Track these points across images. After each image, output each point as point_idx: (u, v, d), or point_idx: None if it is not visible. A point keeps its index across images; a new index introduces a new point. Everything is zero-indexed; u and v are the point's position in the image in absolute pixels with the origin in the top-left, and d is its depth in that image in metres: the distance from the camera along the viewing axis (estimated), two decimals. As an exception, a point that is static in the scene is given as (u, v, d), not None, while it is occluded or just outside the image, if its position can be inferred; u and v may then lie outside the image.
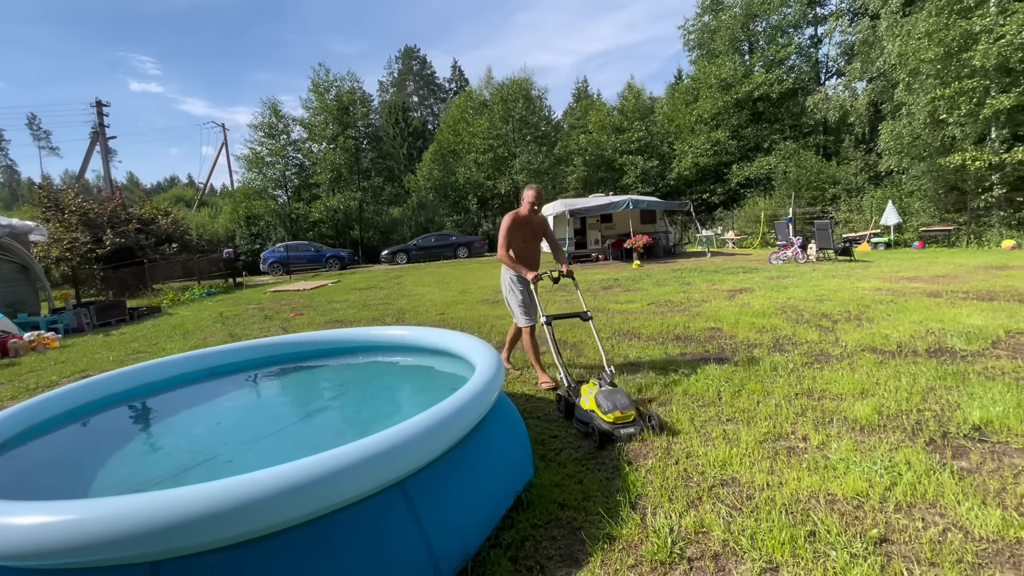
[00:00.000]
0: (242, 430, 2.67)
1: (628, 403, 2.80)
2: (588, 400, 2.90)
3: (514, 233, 3.82)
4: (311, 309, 9.21)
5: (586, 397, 2.93)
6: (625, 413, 2.75)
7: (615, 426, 2.71)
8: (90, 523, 1.32)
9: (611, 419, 2.72)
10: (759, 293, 7.43)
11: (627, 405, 2.78)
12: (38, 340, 7.29)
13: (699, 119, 27.50)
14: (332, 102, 27.40)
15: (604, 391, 2.87)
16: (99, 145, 30.43)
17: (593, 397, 2.86)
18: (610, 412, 2.74)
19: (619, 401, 2.79)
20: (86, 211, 15.69)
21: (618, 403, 2.78)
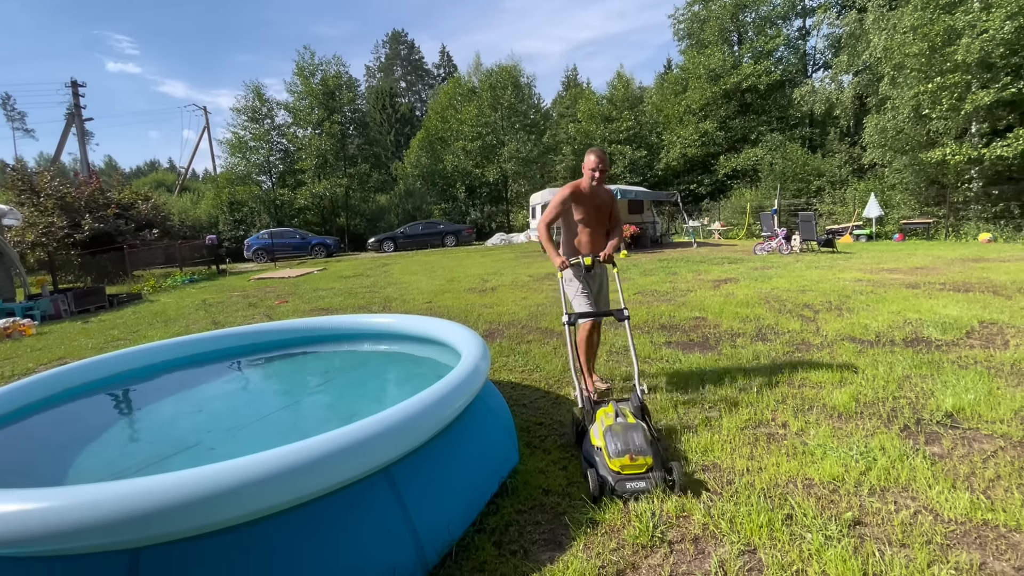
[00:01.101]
0: (225, 418, 2.65)
1: (644, 446, 2.11)
2: (598, 433, 2.25)
3: (569, 208, 3.14)
4: (296, 297, 9.12)
5: (598, 427, 2.28)
6: (637, 461, 2.09)
7: (620, 477, 2.09)
8: (68, 510, 1.30)
9: (617, 466, 2.10)
10: (743, 283, 7.52)
11: (642, 449, 2.10)
12: (13, 327, 7.11)
13: (688, 109, 27.56)
14: (318, 86, 26.88)
15: (617, 426, 2.21)
16: (75, 127, 29.53)
17: (603, 431, 2.23)
18: (618, 456, 2.10)
19: (633, 442, 2.12)
20: (62, 195, 15.26)
21: (631, 445, 2.11)
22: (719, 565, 1.70)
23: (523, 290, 8.07)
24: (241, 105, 27.10)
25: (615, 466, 2.11)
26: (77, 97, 29.03)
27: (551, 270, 10.65)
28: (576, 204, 3.13)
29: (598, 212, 3.18)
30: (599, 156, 3.01)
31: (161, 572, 1.37)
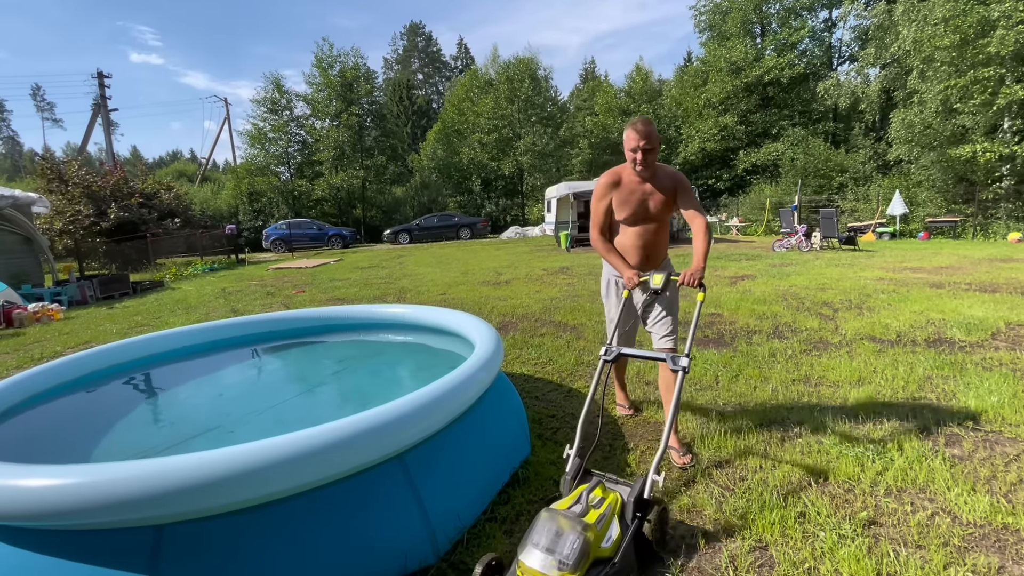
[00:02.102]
0: (243, 402, 2.71)
1: (573, 559, 1.38)
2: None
3: (609, 205, 2.40)
4: (313, 287, 9.24)
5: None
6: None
7: None
8: (95, 486, 1.35)
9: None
10: (761, 280, 7.41)
11: (568, 563, 1.37)
12: (42, 311, 7.34)
13: (707, 103, 27.10)
14: (336, 78, 27.04)
15: (549, 518, 1.48)
16: (101, 117, 30.18)
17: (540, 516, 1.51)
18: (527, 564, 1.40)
19: (559, 549, 1.40)
20: (89, 184, 15.64)
21: (557, 551, 1.40)
22: (729, 560, 1.70)
23: (537, 283, 8.07)
24: (261, 96, 27.42)
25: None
26: (103, 88, 29.64)
27: (565, 263, 10.62)
28: (616, 198, 2.36)
29: (649, 207, 2.34)
30: (640, 130, 2.19)
31: (183, 549, 1.42)
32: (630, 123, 2.25)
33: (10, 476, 1.39)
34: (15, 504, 1.36)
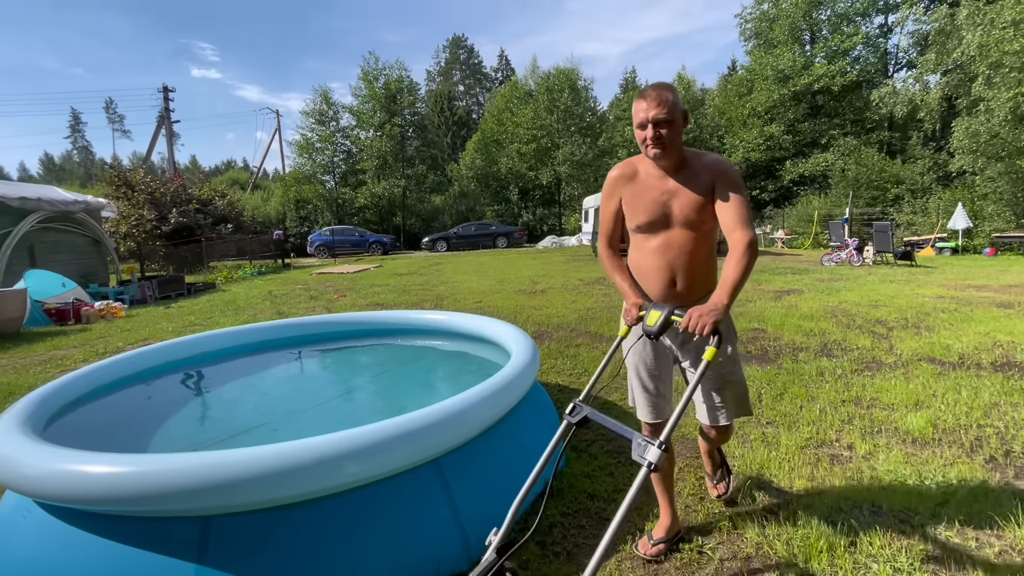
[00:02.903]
0: (287, 402, 2.81)
1: None
2: None
3: (616, 201, 1.77)
4: (353, 292, 9.50)
5: None
6: None
7: None
8: (150, 475, 1.43)
9: None
10: (808, 295, 7.11)
11: None
12: (107, 309, 7.85)
13: (752, 112, 26.40)
14: (380, 90, 27.91)
15: None
16: (164, 128, 32.20)
17: None
18: None
19: None
20: (152, 191, 16.70)
21: None
22: (773, 587, 1.62)
23: (573, 293, 8.02)
24: (309, 108, 28.60)
25: None
26: (167, 101, 31.66)
27: (602, 274, 10.51)
28: (627, 196, 1.72)
29: (672, 210, 1.64)
30: (650, 96, 1.55)
31: (228, 539, 1.47)
32: (642, 92, 1.58)
33: (76, 462, 1.49)
34: (79, 488, 1.45)
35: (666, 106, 1.53)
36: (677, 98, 1.56)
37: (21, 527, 1.63)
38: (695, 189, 1.62)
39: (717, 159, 1.63)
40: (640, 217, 1.69)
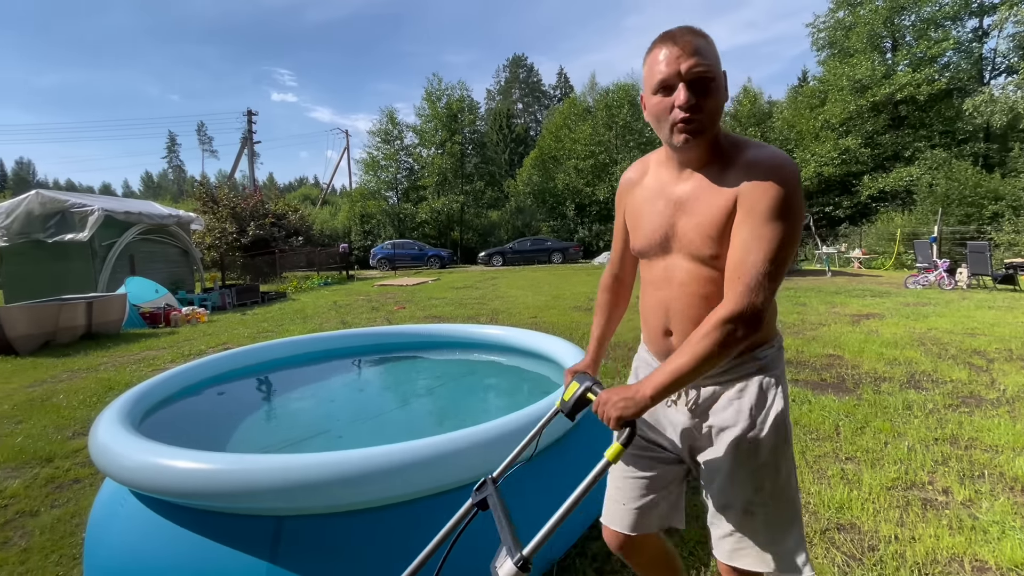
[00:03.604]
0: (351, 409, 2.91)
1: None
2: None
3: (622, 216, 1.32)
4: (412, 304, 9.78)
5: None
6: None
7: None
8: (228, 474, 1.52)
9: None
10: (891, 320, 6.56)
11: None
12: (192, 314, 8.53)
13: (825, 124, 25.01)
14: (443, 110, 28.94)
15: None
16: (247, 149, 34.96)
17: None
18: None
19: None
20: (234, 206, 18.11)
21: None
22: (857, 642, 1.48)
23: (630, 311, 7.80)
24: (376, 128, 30.12)
25: None
26: (250, 124, 34.41)
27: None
28: (629, 208, 1.26)
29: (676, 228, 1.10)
30: (682, 41, 0.98)
31: (298, 541, 1.53)
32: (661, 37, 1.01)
33: (166, 456, 1.62)
34: (168, 481, 1.56)
35: (706, 58, 0.95)
36: (714, 48, 0.99)
37: (118, 514, 1.77)
38: (713, 201, 1.01)
39: (766, 156, 0.97)
40: (637, 239, 1.18)
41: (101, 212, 9.78)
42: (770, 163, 0.96)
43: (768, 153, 0.98)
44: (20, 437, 3.20)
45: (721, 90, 1.00)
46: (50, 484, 2.56)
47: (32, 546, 2.02)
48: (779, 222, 0.93)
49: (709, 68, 0.96)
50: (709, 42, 0.99)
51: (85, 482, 2.57)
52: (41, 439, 3.16)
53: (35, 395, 4.22)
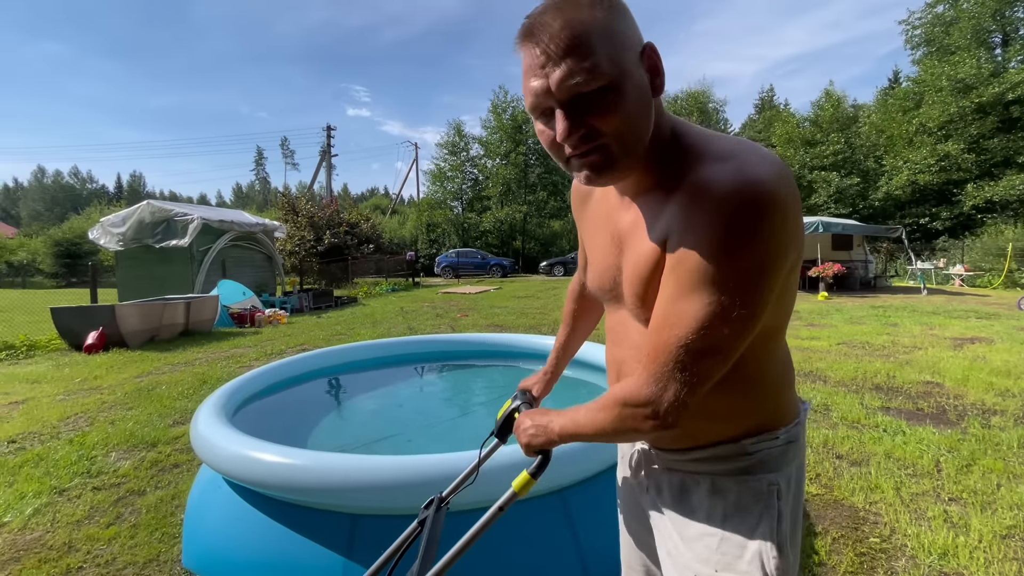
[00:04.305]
0: (420, 414, 3.01)
1: None
2: None
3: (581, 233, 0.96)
4: (475, 311, 9.96)
5: None
6: None
7: None
8: (308, 471, 1.61)
9: None
10: (1002, 346, 5.86)
11: None
12: (274, 316, 9.18)
13: (921, 128, 22.92)
14: (508, 121, 29.47)
15: None
16: (325, 161, 37.32)
17: None
18: None
19: None
20: (312, 215, 19.37)
21: None
22: None
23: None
24: (443, 140, 31.18)
25: None
26: (329, 138, 36.75)
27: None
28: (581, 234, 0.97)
29: (621, 269, 0.78)
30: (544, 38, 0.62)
31: (371, 539, 1.60)
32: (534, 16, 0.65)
33: (255, 449, 1.74)
34: (256, 473, 1.68)
35: (589, 53, 0.60)
36: (616, 25, 0.62)
37: (213, 499, 1.93)
38: (642, 245, 0.72)
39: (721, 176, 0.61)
40: (588, 278, 0.90)
41: (199, 220, 10.79)
42: (721, 187, 0.58)
43: (728, 171, 0.59)
44: (131, 423, 3.58)
45: (629, 94, 0.62)
46: (154, 467, 2.84)
47: (139, 523, 2.24)
48: (717, 285, 0.58)
49: (594, 72, 0.59)
50: (596, 16, 0.60)
51: (183, 467, 2.83)
52: (147, 425, 3.52)
53: (142, 385, 4.71)
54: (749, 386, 0.73)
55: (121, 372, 5.30)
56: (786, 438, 0.75)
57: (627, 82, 0.62)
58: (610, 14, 0.62)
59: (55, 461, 2.92)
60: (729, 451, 0.75)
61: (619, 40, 0.62)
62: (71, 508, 2.39)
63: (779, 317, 0.72)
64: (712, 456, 0.76)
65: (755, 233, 0.58)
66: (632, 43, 0.64)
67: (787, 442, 0.76)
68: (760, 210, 0.57)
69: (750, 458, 0.74)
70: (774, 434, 0.75)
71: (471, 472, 1.14)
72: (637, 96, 0.63)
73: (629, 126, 0.64)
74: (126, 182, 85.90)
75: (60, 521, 2.28)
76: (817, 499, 2.40)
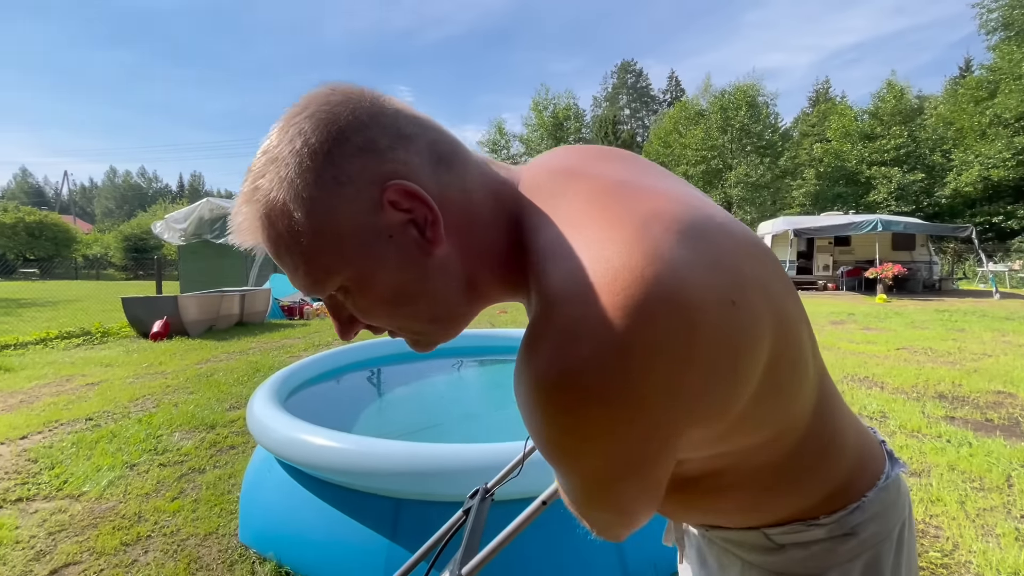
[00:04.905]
0: (458, 406, 3.06)
1: None
2: None
3: None
4: (513, 308, 10.00)
5: None
6: None
7: None
8: (355, 455, 1.67)
9: None
10: (1086, 355, 5.38)
11: None
12: (321, 309, 9.53)
13: (996, 120, 21.26)
14: (549, 118, 29.39)
15: None
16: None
17: None
18: None
19: None
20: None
21: None
22: None
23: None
24: (485, 139, 31.40)
25: None
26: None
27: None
28: None
29: None
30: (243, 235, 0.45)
31: (414, 524, 1.65)
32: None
33: (306, 433, 1.83)
34: (306, 455, 1.76)
35: (292, 269, 0.45)
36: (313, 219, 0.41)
37: (267, 479, 2.04)
38: None
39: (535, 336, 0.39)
40: None
41: (253, 217, 11.34)
42: (526, 374, 0.40)
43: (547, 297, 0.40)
44: (192, 406, 3.81)
45: (370, 282, 0.45)
46: (213, 447, 3.02)
47: (200, 498, 2.40)
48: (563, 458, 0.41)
49: (318, 286, 0.46)
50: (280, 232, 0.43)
51: (239, 448, 3.00)
52: (206, 409, 3.74)
53: (202, 371, 5.01)
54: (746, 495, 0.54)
55: (183, 359, 5.65)
56: (834, 529, 0.53)
57: (364, 273, 0.44)
58: (299, 188, 0.41)
59: (126, 438, 3.16)
60: (751, 538, 0.57)
61: (323, 226, 0.42)
62: (140, 482, 2.58)
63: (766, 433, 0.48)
64: (734, 540, 0.60)
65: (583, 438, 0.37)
66: (351, 215, 0.42)
67: (837, 535, 0.53)
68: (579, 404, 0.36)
69: (780, 552, 0.55)
70: (809, 523, 0.53)
71: (516, 464, 1.16)
72: (394, 279, 0.45)
73: (406, 314, 0.48)
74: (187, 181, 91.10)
75: (131, 493, 2.46)
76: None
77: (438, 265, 0.45)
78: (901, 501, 0.56)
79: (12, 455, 2.96)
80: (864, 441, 0.57)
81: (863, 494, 0.54)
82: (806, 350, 0.48)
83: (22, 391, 4.39)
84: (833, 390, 0.55)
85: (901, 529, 0.56)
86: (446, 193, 0.45)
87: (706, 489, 0.53)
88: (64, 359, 5.74)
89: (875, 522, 0.53)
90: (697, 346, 0.36)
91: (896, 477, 0.57)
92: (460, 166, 0.47)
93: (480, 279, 0.49)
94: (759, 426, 0.46)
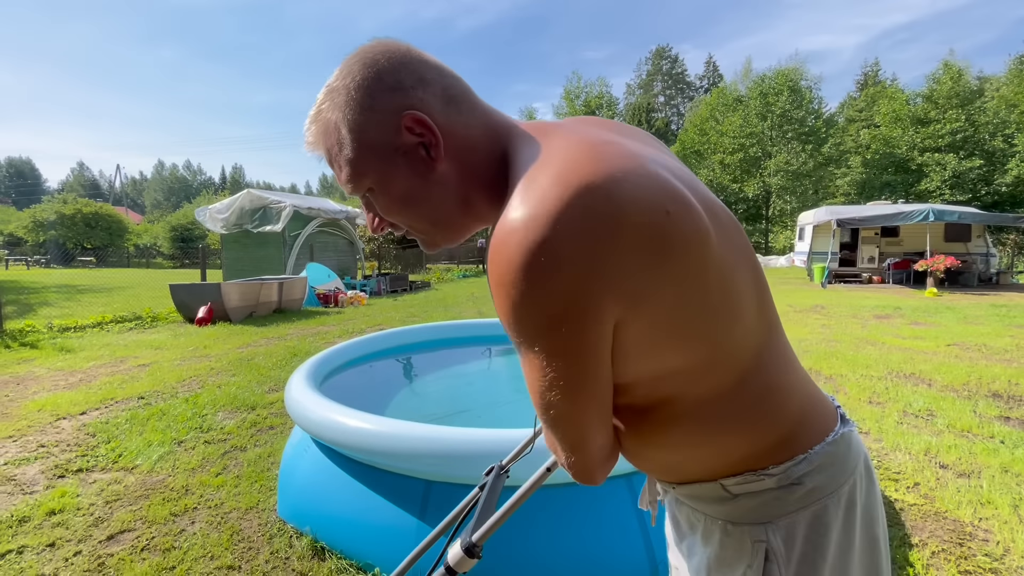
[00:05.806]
0: (487, 393, 3.10)
1: None
2: None
3: None
4: (543, 299, 10.00)
5: None
6: None
7: None
8: (387, 437, 1.72)
9: None
10: None
11: None
12: (355, 297, 9.76)
13: (1067, 101, 19.72)
14: (580, 107, 28.97)
15: None
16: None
17: None
18: None
19: None
20: (390, 203, 20.34)
21: None
22: None
23: (784, 321, 7.04)
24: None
25: None
26: (406, 129, 38.28)
27: (819, 301, 9.05)
28: None
29: None
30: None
31: (443, 505, 1.69)
32: None
33: (340, 414, 1.89)
34: (340, 435, 1.82)
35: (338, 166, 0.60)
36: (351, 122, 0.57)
37: (303, 458, 2.13)
38: None
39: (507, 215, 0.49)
40: None
41: (291, 207, 11.66)
42: (498, 234, 0.49)
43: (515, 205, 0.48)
44: (234, 388, 3.99)
45: (394, 188, 0.58)
46: (253, 427, 3.16)
47: (242, 474, 2.52)
48: (527, 346, 0.50)
49: (352, 182, 0.59)
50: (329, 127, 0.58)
51: (278, 429, 3.12)
52: (247, 390, 3.90)
53: (243, 355, 5.22)
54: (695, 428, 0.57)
55: (226, 343, 5.91)
56: (782, 479, 0.56)
57: (384, 178, 0.58)
58: (345, 112, 0.56)
59: (174, 416, 3.34)
60: (709, 491, 0.61)
61: (359, 140, 0.56)
62: (187, 457, 2.73)
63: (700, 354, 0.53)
64: (695, 495, 0.63)
65: (521, 293, 0.46)
66: (378, 133, 0.56)
67: (785, 484, 0.56)
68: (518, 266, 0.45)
69: (734, 502, 0.59)
70: (759, 473, 0.57)
71: (528, 443, 1.21)
72: (405, 186, 0.58)
73: (413, 215, 0.61)
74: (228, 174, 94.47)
75: (179, 467, 2.60)
76: (915, 509, 2.20)
77: (438, 179, 0.58)
78: (852, 460, 0.59)
79: (73, 429, 3.17)
80: (814, 400, 0.61)
81: (811, 447, 0.58)
82: (742, 285, 0.55)
83: (81, 370, 4.68)
84: (786, 349, 0.61)
85: (852, 488, 0.58)
86: (451, 126, 0.57)
87: (657, 420, 0.57)
88: (118, 341, 6.10)
89: (821, 474, 0.57)
90: (622, 230, 0.45)
91: (846, 435, 0.59)
92: (467, 108, 0.59)
93: (473, 197, 0.60)
94: (689, 338, 0.51)
